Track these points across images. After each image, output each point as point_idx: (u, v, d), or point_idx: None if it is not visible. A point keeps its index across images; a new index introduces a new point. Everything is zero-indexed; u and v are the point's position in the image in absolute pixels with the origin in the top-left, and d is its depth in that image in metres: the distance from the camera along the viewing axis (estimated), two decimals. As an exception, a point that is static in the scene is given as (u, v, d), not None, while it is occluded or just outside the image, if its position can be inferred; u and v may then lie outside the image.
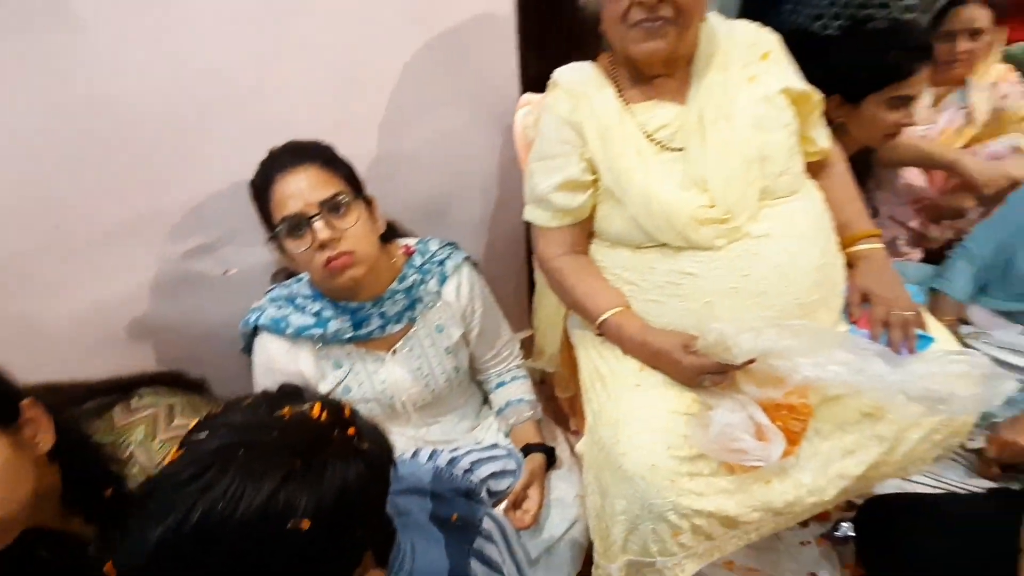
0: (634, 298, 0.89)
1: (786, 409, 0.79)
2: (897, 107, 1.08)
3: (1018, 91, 1.56)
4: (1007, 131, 1.56)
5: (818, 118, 0.90)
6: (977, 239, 1.37)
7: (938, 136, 1.60)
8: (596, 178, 0.88)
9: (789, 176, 0.83)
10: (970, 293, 1.37)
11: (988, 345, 1.28)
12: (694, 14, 0.79)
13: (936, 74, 1.56)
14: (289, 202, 0.79)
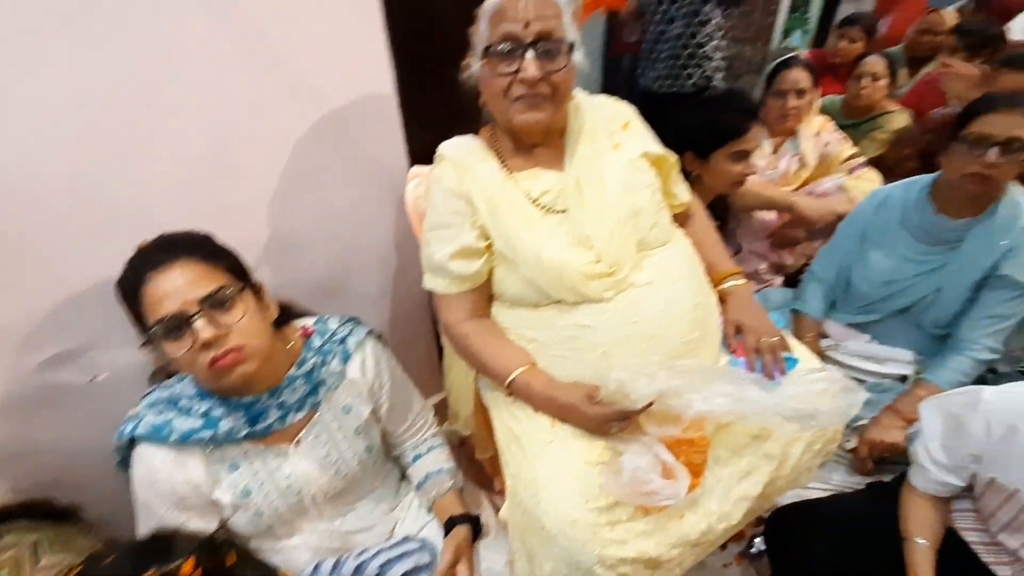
0: (539, 355, 0.92)
1: (686, 444, 0.85)
2: (738, 160, 1.27)
3: (836, 138, 1.89)
4: (832, 172, 1.88)
5: (676, 176, 1.02)
6: (821, 264, 1.60)
7: (780, 179, 1.88)
8: (490, 244, 0.92)
9: (659, 228, 0.93)
10: (823, 310, 1.57)
11: (844, 354, 1.48)
12: (568, 89, 0.88)
13: (772, 127, 1.86)
14: (165, 302, 0.73)
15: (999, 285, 1.26)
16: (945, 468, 1.01)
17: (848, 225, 1.55)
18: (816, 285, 1.58)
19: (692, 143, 1.33)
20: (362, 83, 1.12)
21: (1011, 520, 0.93)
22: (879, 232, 1.46)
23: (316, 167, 1.12)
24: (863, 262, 1.48)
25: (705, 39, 1.98)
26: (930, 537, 1.01)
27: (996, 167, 1.17)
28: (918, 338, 1.43)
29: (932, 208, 1.35)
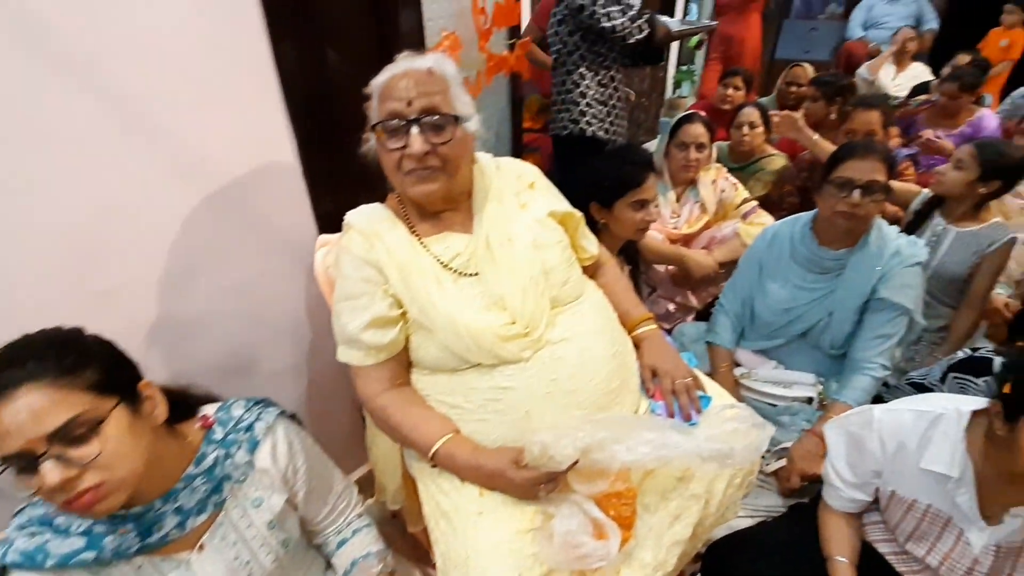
0: (461, 420, 0.90)
1: (615, 497, 0.85)
2: (638, 208, 1.36)
3: (730, 185, 2.06)
4: (729, 216, 2.04)
5: (583, 231, 1.06)
6: (727, 297, 1.71)
7: (684, 224, 2.02)
8: (404, 312, 0.91)
9: (571, 284, 0.95)
10: (734, 340, 1.67)
11: (756, 381, 1.57)
12: (460, 160, 0.90)
13: (675, 177, 2.01)
14: (6, 440, 0.61)
15: (880, 307, 1.41)
16: (852, 485, 1.07)
17: (746, 260, 1.69)
18: (725, 317, 1.69)
19: (597, 194, 1.41)
20: (261, 153, 1.09)
21: (914, 529, 1.01)
22: (773, 265, 1.59)
23: (215, 242, 1.06)
24: (763, 293, 1.60)
25: (573, 86, 2.15)
26: (848, 554, 1.07)
27: (860, 206, 1.33)
28: (819, 359, 1.55)
29: (815, 241, 1.50)
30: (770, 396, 1.52)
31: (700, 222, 2.00)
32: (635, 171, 1.35)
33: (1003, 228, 1.65)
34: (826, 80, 2.74)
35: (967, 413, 0.93)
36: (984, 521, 0.91)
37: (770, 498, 1.41)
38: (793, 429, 1.46)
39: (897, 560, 1.06)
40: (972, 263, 1.67)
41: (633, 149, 1.43)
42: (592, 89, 2.16)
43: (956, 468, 0.91)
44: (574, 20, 2.02)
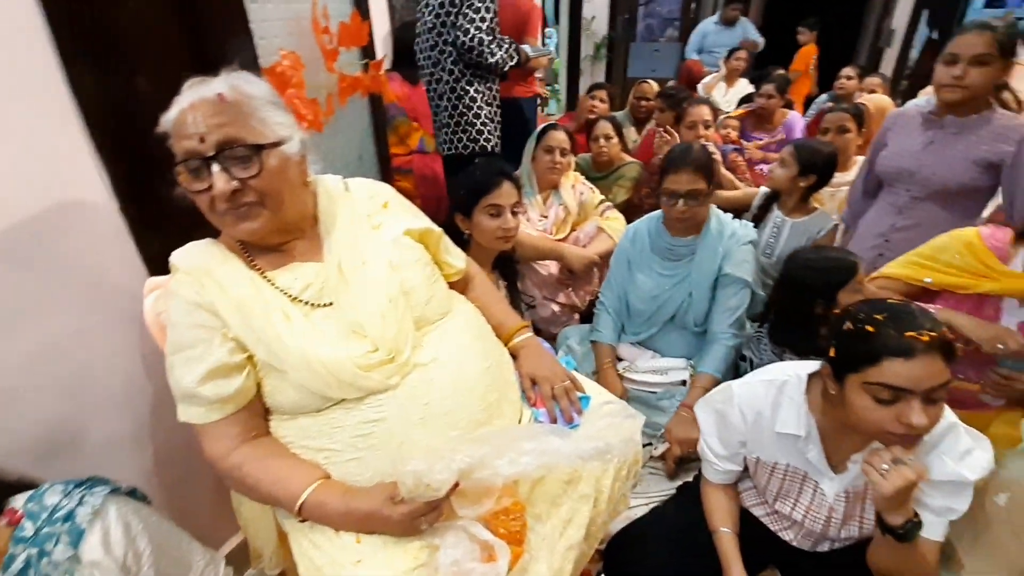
0: (332, 464, 0.82)
1: (503, 514, 0.82)
2: (493, 215, 1.39)
3: (587, 189, 2.18)
4: (590, 216, 2.16)
5: (445, 246, 1.04)
6: (605, 295, 1.79)
7: (552, 226, 2.10)
8: (249, 355, 0.81)
9: (436, 301, 0.92)
10: (615, 336, 1.76)
11: (637, 373, 1.65)
12: (282, 190, 0.81)
13: (541, 180, 2.09)
14: None
15: (726, 282, 1.56)
16: (724, 458, 1.15)
17: (616, 258, 1.79)
18: (606, 315, 1.77)
19: (459, 205, 1.42)
20: (64, 193, 0.93)
21: (779, 489, 1.10)
22: (638, 258, 1.70)
23: (20, 296, 0.89)
24: (633, 285, 1.70)
25: (466, 109, 2.27)
26: (730, 524, 1.14)
27: (686, 212, 1.49)
28: (688, 341, 1.68)
29: (667, 233, 1.64)
30: (650, 385, 1.61)
31: (567, 224, 2.10)
32: (486, 178, 1.38)
33: (826, 216, 1.92)
34: (670, 93, 3.04)
35: (805, 377, 1.04)
36: (832, 471, 1.02)
37: (660, 483, 1.48)
38: (672, 412, 1.55)
39: (770, 520, 1.16)
40: None
41: (491, 159, 1.46)
42: (484, 108, 2.29)
43: (803, 427, 1.01)
44: (459, 55, 2.17)
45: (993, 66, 1.49)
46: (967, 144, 1.60)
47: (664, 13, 6.88)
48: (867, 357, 0.84)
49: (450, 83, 2.26)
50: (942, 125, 1.65)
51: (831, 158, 1.85)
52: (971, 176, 1.60)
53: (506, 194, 1.40)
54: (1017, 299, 1.25)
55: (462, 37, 2.09)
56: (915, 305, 0.87)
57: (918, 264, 1.39)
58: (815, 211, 1.92)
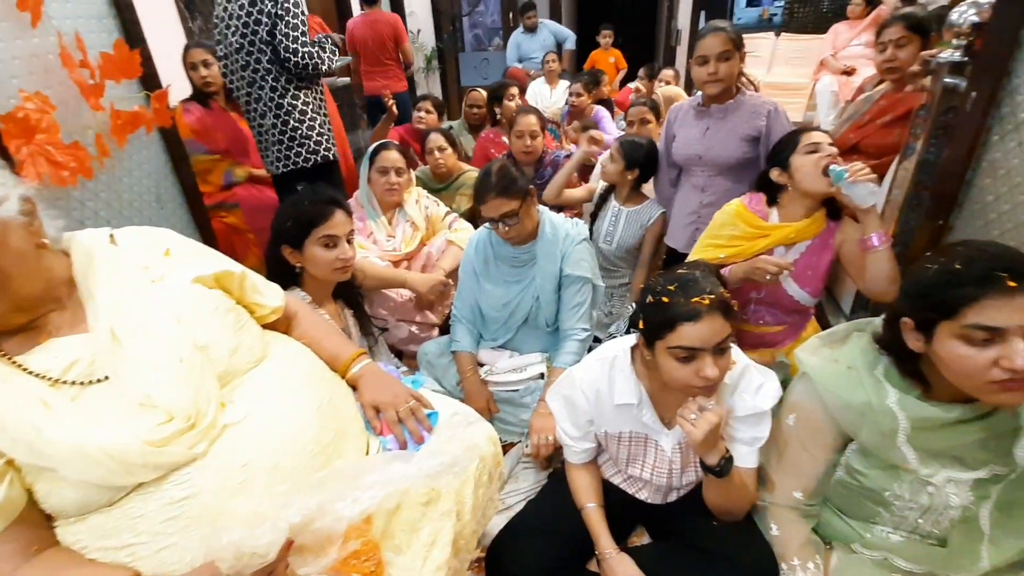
0: (141, 559, 0.71)
1: (353, 558, 0.78)
2: (329, 246, 1.31)
3: (432, 202, 2.18)
4: (438, 230, 2.16)
5: (253, 286, 0.96)
6: (458, 306, 1.80)
7: (401, 244, 2.06)
8: (8, 459, 0.67)
9: (245, 349, 0.84)
10: (473, 343, 1.77)
11: (498, 375, 1.68)
12: (9, 272, 0.69)
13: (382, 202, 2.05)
14: None
15: (568, 282, 1.65)
16: (578, 438, 1.22)
17: (463, 269, 1.80)
18: (461, 325, 1.78)
19: (287, 237, 1.32)
20: None
21: (628, 455, 1.19)
22: (483, 268, 1.73)
23: None
24: (483, 294, 1.73)
25: (297, 122, 2.18)
26: (595, 498, 1.21)
27: (508, 233, 1.55)
28: (543, 338, 1.75)
29: (507, 243, 1.68)
30: (512, 383, 1.65)
31: (415, 239, 2.08)
32: (318, 207, 1.31)
33: (655, 205, 2.12)
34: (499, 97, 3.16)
35: (629, 349, 1.13)
36: (666, 428, 1.13)
37: (534, 476, 1.52)
38: (535, 406, 1.61)
39: (627, 484, 1.25)
40: (640, 234, 2.10)
41: (319, 189, 1.38)
42: (317, 117, 2.23)
43: (635, 396, 1.10)
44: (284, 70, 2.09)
45: (733, 59, 1.77)
46: (732, 125, 1.89)
47: (488, 24, 7.18)
48: (666, 324, 0.94)
49: (274, 99, 2.15)
50: (710, 113, 1.92)
51: (650, 152, 2.06)
52: (743, 151, 1.88)
53: (340, 223, 1.33)
54: (783, 246, 1.51)
55: (293, 58, 2.04)
56: (699, 271, 0.99)
57: (712, 245, 1.61)
58: (646, 200, 2.13)
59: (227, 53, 2.16)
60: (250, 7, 2.02)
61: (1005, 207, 1.20)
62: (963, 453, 0.91)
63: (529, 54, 5.30)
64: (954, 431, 0.89)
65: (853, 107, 2.20)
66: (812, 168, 1.36)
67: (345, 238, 1.33)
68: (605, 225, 2.18)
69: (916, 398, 0.91)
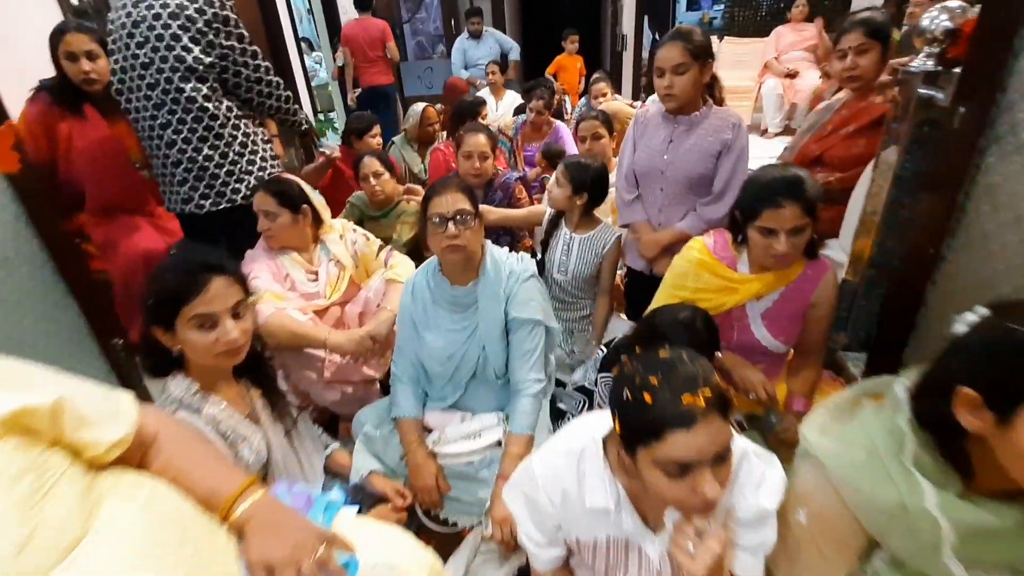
0: None
1: None
2: (206, 327, 1.02)
3: (360, 236, 1.90)
4: (372, 269, 1.89)
5: (81, 417, 0.68)
6: (397, 364, 1.54)
7: (325, 287, 1.78)
8: None
9: (48, 531, 0.57)
10: (418, 406, 1.51)
11: (448, 444, 1.43)
12: None
13: (296, 244, 1.75)
14: None
15: (516, 326, 1.43)
16: (545, 545, 0.99)
17: (400, 319, 1.55)
18: (402, 386, 1.52)
19: (153, 316, 1.02)
20: None
21: (606, 563, 0.97)
22: (422, 316, 1.49)
23: None
24: (424, 346, 1.48)
25: (238, 156, 1.87)
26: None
27: (458, 236, 1.31)
28: (497, 392, 1.51)
29: (446, 281, 1.44)
30: (465, 455, 1.41)
31: (343, 282, 1.79)
32: (184, 279, 1.00)
33: (610, 228, 1.93)
34: (460, 111, 2.93)
35: (600, 441, 0.91)
36: (652, 532, 0.91)
37: (495, 568, 1.28)
38: (493, 482, 1.37)
39: (607, 596, 1.03)
40: (596, 262, 1.90)
41: (188, 251, 1.08)
42: (259, 147, 1.94)
43: (611, 498, 0.88)
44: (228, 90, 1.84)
45: (691, 72, 1.60)
46: (697, 138, 1.72)
47: (431, 31, 6.90)
48: (650, 430, 0.72)
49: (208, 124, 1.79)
50: (676, 123, 1.75)
51: (600, 173, 1.86)
52: (706, 166, 1.72)
53: (219, 295, 1.02)
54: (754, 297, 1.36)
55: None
56: (686, 354, 0.78)
57: (674, 296, 1.45)
58: (599, 224, 1.93)
59: (131, 88, 1.77)
60: (169, 18, 1.67)
61: (1011, 238, 1.05)
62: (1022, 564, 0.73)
63: (475, 60, 5.08)
64: (1015, 538, 0.71)
65: (814, 116, 2.08)
66: (762, 253, 1.28)
67: (230, 312, 1.04)
68: (557, 254, 1.97)
69: (957, 496, 0.73)
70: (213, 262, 1.03)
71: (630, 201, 1.92)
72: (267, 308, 1.56)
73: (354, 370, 1.69)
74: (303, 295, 1.73)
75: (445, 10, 6.49)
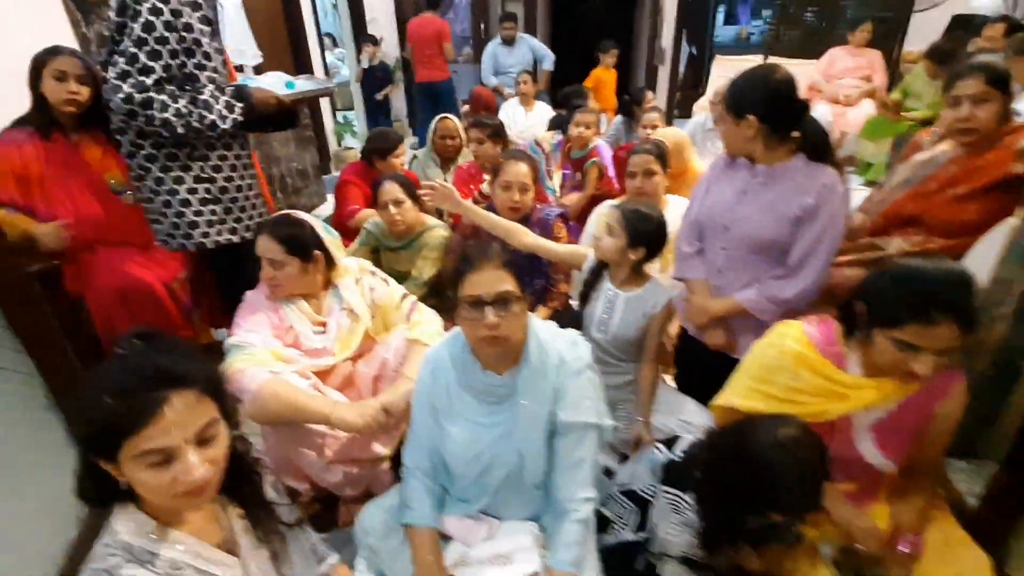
0: None
1: None
2: (158, 465, 0.73)
3: (379, 281, 1.63)
4: (392, 320, 1.62)
5: None
6: (411, 453, 1.27)
7: (335, 343, 1.51)
8: None
9: None
10: (434, 511, 1.24)
11: (471, 566, 1.16)
12: None
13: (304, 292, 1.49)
14: None
15: (565, 431, 1.15)
16: None
17: (417, 400, 1.28)
18: (416, 482, 1.25)
19: (90, 447, 0.74)
20: None
21: None
22: (444, 401, 1.22)
23: None
24: (446, 439, 1.21)
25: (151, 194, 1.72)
26: None
27: (498, 326, 1.05)
28: (534, 499, 1.23)
29: (477, 365, 1.17)
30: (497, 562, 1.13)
31: (355, 336, 1.53)
32: (128, 402, 0.70)
33: (661, 288, 1.64)
34: (483, 122, 2.67)
35: None
36: None
37: None
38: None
39: None
40: (643, 325, 1.62)
41: (130, 353, 0.78)
42: (187, 190, 1.71)
43: None
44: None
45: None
46: (775, 194, 1.44)
47: (458, 32, 6.64)
48: None
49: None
50: (754, 173, 1.48)
51: (662, 227, 1.58)
52: (778, 232, 1.44)
53: (178, 423, 0.72)
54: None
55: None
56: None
57: (758, 392, 1.17)
58: (649, 281, 1.64)
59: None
60: (117, 16, 1.49)
61: None
62: None
63: (506, 67, 4.82)
64: None
65: (908, 169, 1.79)
66: (889, 364, 1.02)
67: (194, 441, 0.74)
68: (598, 311, 1.68)
69: None
70: (171, 370, 0.74)
71: (690, 255, 1.65)
72: (260, 374, 1.29)
73: (361, 447, 1.42)
74: (307, 351, 1.47)
75: (475, 12, 6.24)
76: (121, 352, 0.78)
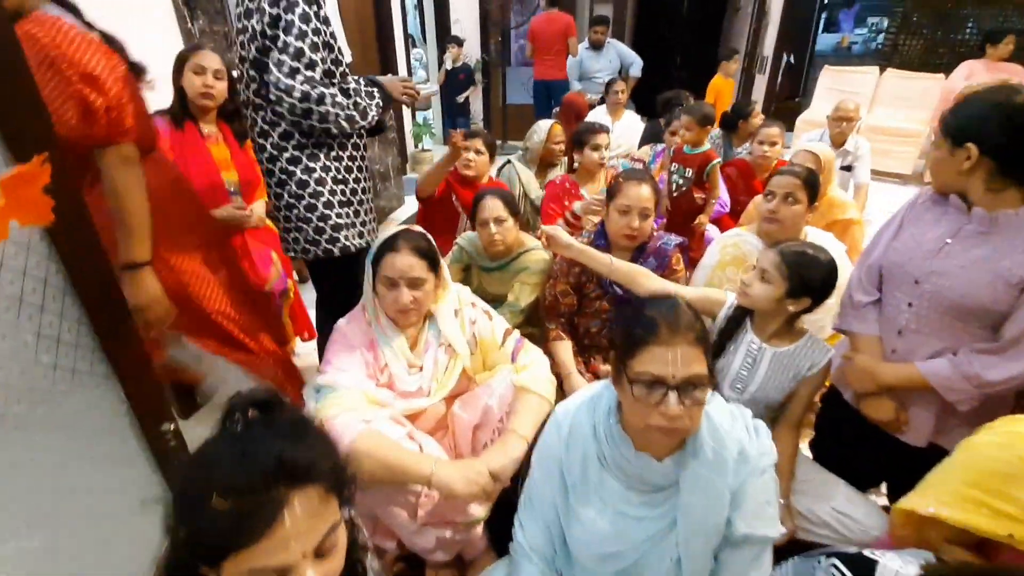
0: None
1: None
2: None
3: (481, 313, 1.44)
4: (492, 359, 1.41)
5: None
6: (525, 525, 1.07)
7: (432, 383, 1.33)
8: None
9: None
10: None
11: None
12: None
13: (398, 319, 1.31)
14: None
15: (739, 542, 0.91)
16: None
17: (541, 464, 1.07)
18: (529, 566, 1.04)
19: (189, 552, 0.58)
20: None
21: None
22: (579, 478, 1.00)
23: None
24: (574, 522, 1.00)
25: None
26: None
27: (681, 418, 0.82)
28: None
29: (627, 442, 0.94)
30: None
31: (453, 372, 1.33)
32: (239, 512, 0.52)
33: (820, 345, 1.35)
34: (585, 128, 2.46)
35: None
36: None
37: None
38: None
39: None
40: (790, 387, 1.34)
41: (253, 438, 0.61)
42: (329, 191, 1.66)
43: None
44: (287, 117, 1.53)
45: None
46: (994, 248, 1.13)
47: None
48: None
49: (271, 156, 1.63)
50: (968, 219, 1.17)
51: (832, 273, 1.30)
52: (994, 297, 1.12)
53: (298, 533, 0.56)
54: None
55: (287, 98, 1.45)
56: None
57: (983, 505, 0.87)
58: (804, 336, 1.36)
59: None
60: (246, 18, 1.44)
61: None
62: None
63: (591, 73, 4.58)
64: None
65: None
66: None
67: (312, 554, 0.58)
68: (735, 365, 1.40)
69: None
70: (297, 463, 0.57)
71: (863, 304, 1.35)
72: (353, 424, 1.13)
73: (457, 508, 1.23)
74: (401, 394, 1.29)
75: (561, 15, 6.04)
76: (234, 428, 0.61)
